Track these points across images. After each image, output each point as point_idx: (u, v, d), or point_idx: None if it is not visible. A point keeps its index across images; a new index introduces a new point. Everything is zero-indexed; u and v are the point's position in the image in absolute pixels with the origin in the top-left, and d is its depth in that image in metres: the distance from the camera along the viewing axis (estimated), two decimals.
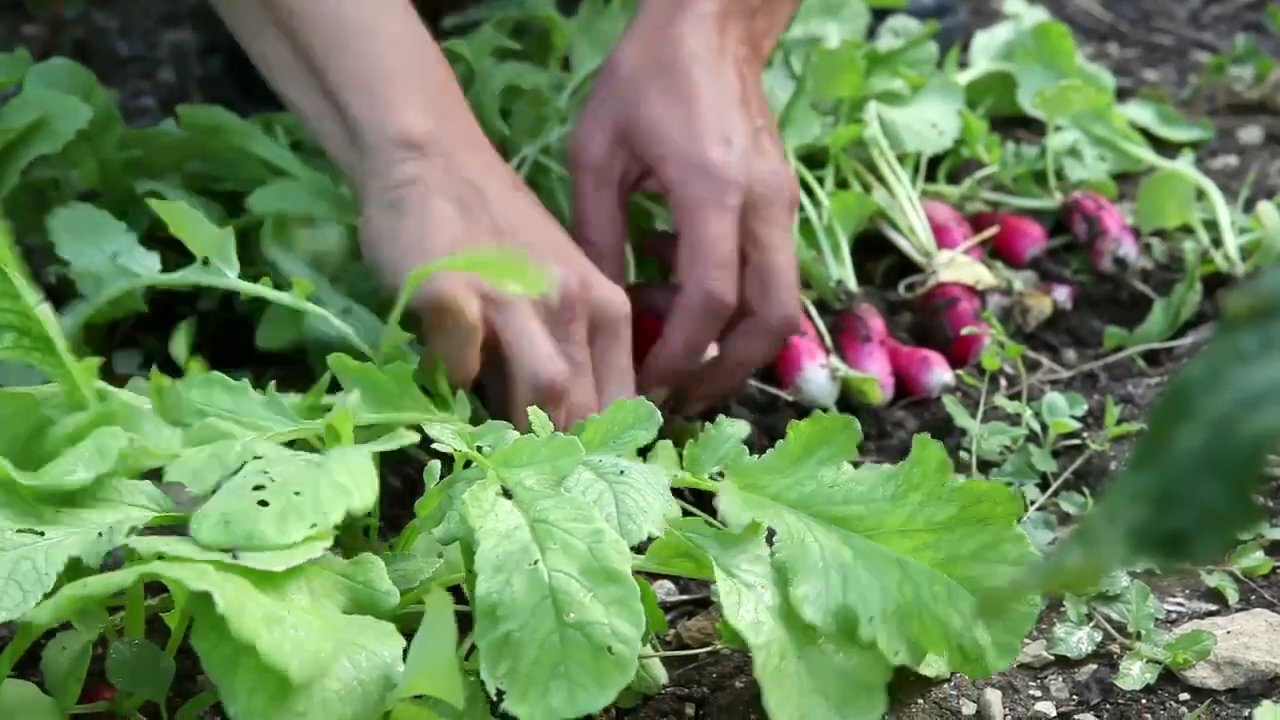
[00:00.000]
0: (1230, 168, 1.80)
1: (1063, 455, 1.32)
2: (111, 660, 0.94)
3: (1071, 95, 1.67)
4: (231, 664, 0.80)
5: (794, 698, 0.93)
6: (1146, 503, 0.45)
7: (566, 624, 0.83)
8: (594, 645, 0.83)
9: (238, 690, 0.79)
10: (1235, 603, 1.14)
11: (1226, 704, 1.04)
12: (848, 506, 0.99)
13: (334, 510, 0.88)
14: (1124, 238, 1.59)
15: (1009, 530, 0.97)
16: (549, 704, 0.82)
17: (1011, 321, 1.51)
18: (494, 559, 0.86)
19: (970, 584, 0.96)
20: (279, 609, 0.82)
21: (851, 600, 0.94)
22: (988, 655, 0.96)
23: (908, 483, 0.98)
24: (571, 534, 0.88)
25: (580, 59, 1.60)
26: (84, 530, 0.87)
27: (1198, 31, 2.19)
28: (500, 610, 0.84)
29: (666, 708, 1.07)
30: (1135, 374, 1.45)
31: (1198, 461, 0.44)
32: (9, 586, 0.83)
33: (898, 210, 1.57)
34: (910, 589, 0.96)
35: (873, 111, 1.62)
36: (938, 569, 0.96)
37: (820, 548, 0.96)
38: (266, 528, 0.86)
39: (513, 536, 0.87)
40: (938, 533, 0.97)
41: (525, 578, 0.85)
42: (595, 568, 0.86)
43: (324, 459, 0.93)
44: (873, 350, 1.43)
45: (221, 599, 0.77)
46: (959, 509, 0.97)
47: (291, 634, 0.80)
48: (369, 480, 0.92)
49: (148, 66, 2.14)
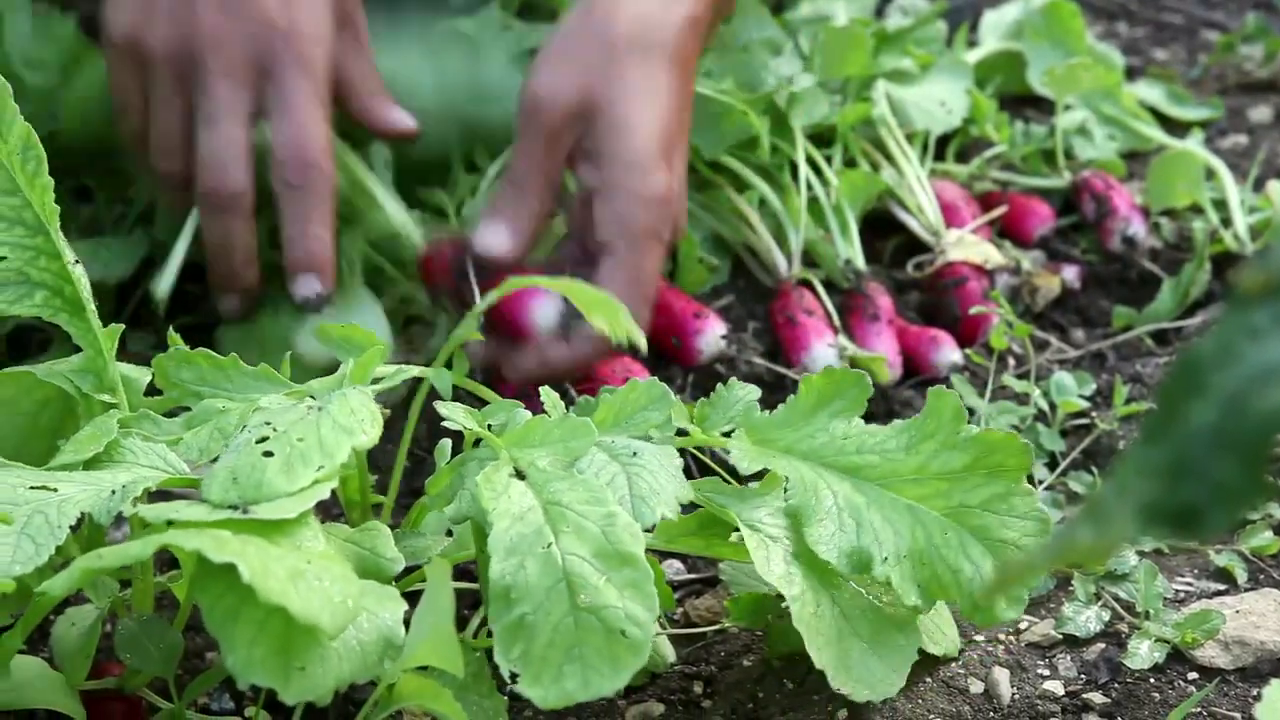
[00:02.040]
0: (1240, 147, 1.79)
1: (1071, 435, 1.32)
2: (119, 636, 0.94)
3: (1081, 74, 1.67)
4: (233, 616, 0.80)
5: (833, 642, 0.95)
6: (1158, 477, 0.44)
7: (580, 608, 0.83)
8: (608, 629, 0.83)
9: (238, 642, 0.80)
10: (1244, 582, 1.14)
11: (1235, 683, 1.04)
12: (861, 456, 1.00)
13: (339, 450, 0.89)
14: (1133, 217, 1.58)
15: (1019, 483, 0.98)
16: (563, 687, 0.82)
17: (1020, 301, 1.51)
18: (508, 541, 0.86)
19: (980, 533, 0.97)
20: (299, 562, 0.82)
21: (865, 542, 0.96)
22: (997, 605, 0.98)
23: (922, 432, 0.99)
24: (585, 517, 0.88)
25: None
26: (97, 488, 0.87)
27: (1207, 10, 2.18)
28: (514, 593, 0.84)
29: (674, 686, 1.07)
30: (1144, 353, 1.45)
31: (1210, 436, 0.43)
32: (22, 541, 0.83)
33: (906, 189, 1.57)
34: (922, 534, 0.97)
35: (881, 90, 1.61)
36: (949, 517, 0.98)
37: (833, 494, 0.98)
38: (274, 477, 0.86)
39: (526, 519, 0.87)
40: (950, 481, 0.98)
41: (539, 561, 0.85)
42: (609, 551, 0.86)
43: (324, 402, 0.93)
44: (881, 329, 1.42)
45: (246, 568, 0.77)
46: (972, 458, 0.98)
47: (317, 585, 0.80)
48: (372, 418, 0.92)
49: None
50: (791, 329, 1.39)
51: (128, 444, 0.93)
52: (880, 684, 0.97)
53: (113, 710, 0.98)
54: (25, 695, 0.92)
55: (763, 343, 1.43)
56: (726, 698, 1.05)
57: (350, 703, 1.03)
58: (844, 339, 1.39)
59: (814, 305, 1.42)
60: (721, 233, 1.55)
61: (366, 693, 0.95)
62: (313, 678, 0.81)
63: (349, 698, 1.03)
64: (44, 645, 1.03)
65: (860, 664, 0.96)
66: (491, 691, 0.98)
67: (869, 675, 0.96)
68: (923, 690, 1.03)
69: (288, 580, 0.79)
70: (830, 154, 1.58)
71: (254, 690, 1.05)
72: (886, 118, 1.60)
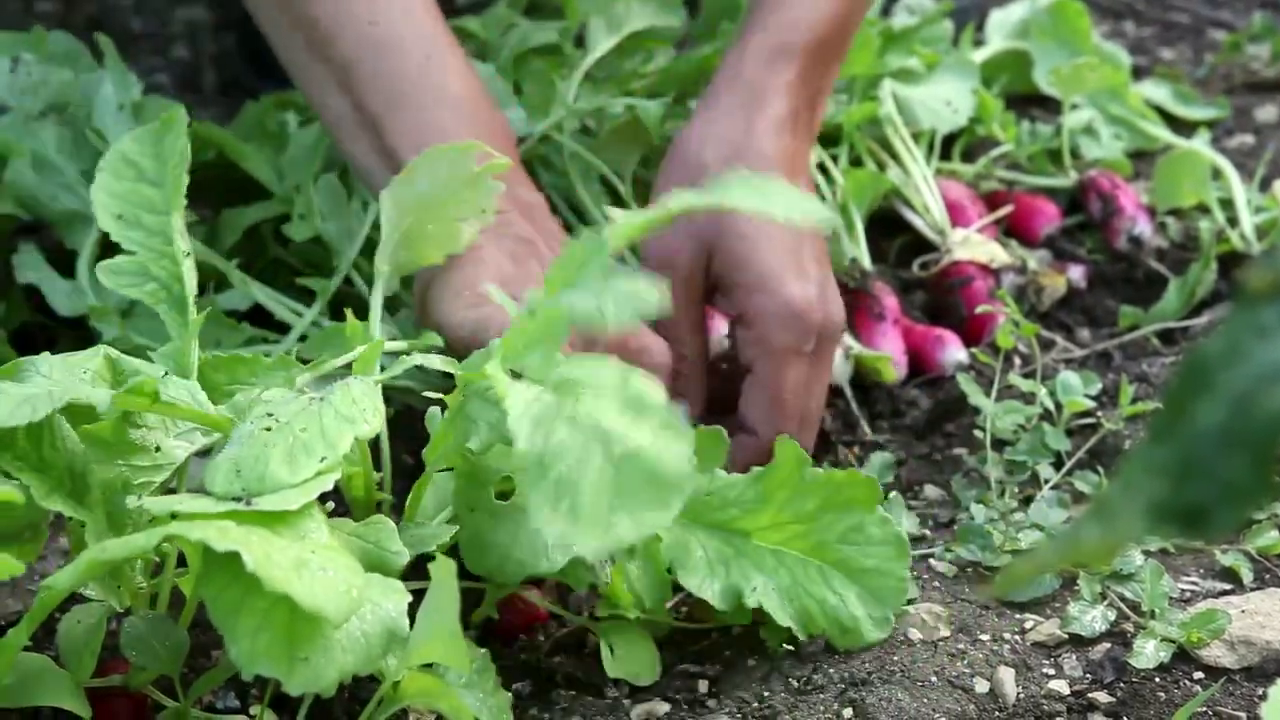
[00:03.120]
0: (1246, 146, 1.79)
1: (1077, 434, 1.31)
2: (125, 633, 0.94)
3: (1087, 73, 1.66)
4: (237, 607, 0.80)
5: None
6: (1165, 476, 0.44)
7: (617, 455, 0.82)
8: (646, 470, 0.81)
9: (241, 632, 0.80)
10: (1250, 582, 1.14)
11: (1241, 683, 1.04)
12: (725, 511, 1.07)
13: (341, 440, 0.89)
14: (1139, 216, 1.58)
15: (872, 512, 1.07)
16: (614, 531, 0.80)
17: (1026, 300, 1.51)
18: (531, 416, 0.83)
19: (841, 566, 1.07)
20: (303, 551, 0.82)
21: (735, 579, 1.05)
22: (863, 627, 1.07)
23: (773, 481, 1.07)
24: (598, 380, 0.86)
25: (595, 39, 1.59)
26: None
27: (1214, 9, 2.17)
28: (547, 457, 0.81)
29: (680, 684, 1.07)
30: (1150, 353, 1.45)
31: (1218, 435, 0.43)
32: (20, 406, 0.85)
33: (912, 188, 1.57)
34: (787, 574, 1.06)
35: (887, 89, 1.61)
36: (811, 555, 1.07)
37: (703, 548, 1.06)
38: (277, 469, 0.87)
39: (542, 399, 0.85)
40: (806, 522, 1.07)
41: (565, 424, 0.82)
42: (631, 400, 0.84)
43: (327, 393, 0.93)
44: (887, 329, 1.42)
45: (250, 556, 0.77)
46: (823, 499, 1.07)
47: (321, 575, 0.81)
48: (374, 406, 0.92)
49: (161, 43, 2.14)
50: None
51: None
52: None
53: (118, 708, 0.98)
54: (31, 692, 0.92)
55: None
56: (732, 696, 1.05)
57: (355, 700, 1.03)
58: (850, 338, 1.39)
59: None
60: None
61: (371, 690, 0.95)
62: (316, 668, 0.81)
63: (354, 695, 1.03)
64: (49, 643, 1.03)
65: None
66: (496, 689, 0.98)
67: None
68: (928, 689, 1.03)
69: (292, 569, 0.79)
70: (836, 153, 1.57)
71: (259, 688, 1.05)
72: (892, 117, 1.60)
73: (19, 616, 1.11)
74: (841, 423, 1.37)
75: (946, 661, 1.06)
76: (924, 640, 1.08)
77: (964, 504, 1.24)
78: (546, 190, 1.51)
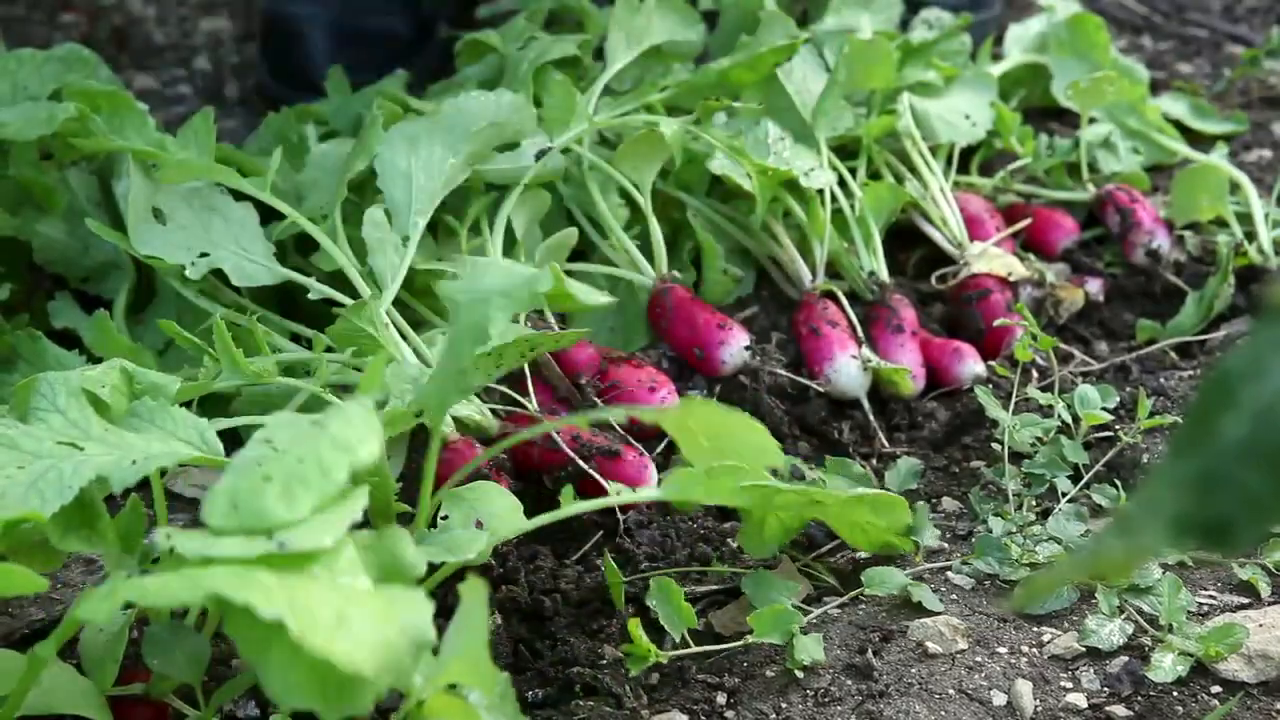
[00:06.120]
0: (1264, 161, 1.79)
1: (1094, 447, 1.31)
2: (147, 642, 0.95)
3: (1105, 87, 1.67)
4: (265, 644, 0.79)
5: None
6: (1189, 489, 0.45)
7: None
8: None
9: (273, 669, 0.79)
10: (1268, 596, 1.14)
11: (1258, 696, 1.04)
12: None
13: (337, 470, 0.87)
14: (1157, 230, 1.58)
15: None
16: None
17: (1043, 313, 1.51)
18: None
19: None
20: (343, 602, 0.81)
21: None
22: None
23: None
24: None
25: (614, 53, 1.59)
26: (120, 453, 0.88)
27: (1232, 24, 2.17)
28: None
29: (698, 696, 1.07)
30: (1167, 366, 1.45)
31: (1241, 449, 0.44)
32: (29, 493, 0.84)
33: (930, 201, 1.57)
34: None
35: (905, 103, 1.62)
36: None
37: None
38: (274, 505, 0.84)
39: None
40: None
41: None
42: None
43: (325, 417, 0.91)
44: (904, 341, 1.42)
45: (294, 623, 0.76)
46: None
47: (358, 630, 0.79)
48: (372, 431, 0.90)
49: (184, 54, 2.15)
50: (815, 340, 1.39)
51: (174, 413, 0.94)
52: None
53: (140, 716, 0.98)
54: (54, 700, 0.93)
55: (787, 354, 1.43)
56: (750, 708, 1.06)
57: (378, 711, 1.03)
58: (867, 350, 1.39)
59: (838, 316, 1.42)
60: (746, 244, 1.55)
61: (395, 703, 0.95)
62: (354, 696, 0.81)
63: (378, 707, 1.03)
64: (71, 652, 1.03)
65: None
66: (516, 713, 0.97)
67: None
68: (945, 701, 1.03)
69: (333, 627, 0.78)
70: (854, 166, 1.58)
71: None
72: (911, 130, 1.60)
73: (42, 624, 1.12)
74: (859, 435, 1.37)
75: (964, 674, 1.06)
76: (942, 653, 1.08)
77: (982, 516, 1.24)
78: (566, 202, 1.52)
